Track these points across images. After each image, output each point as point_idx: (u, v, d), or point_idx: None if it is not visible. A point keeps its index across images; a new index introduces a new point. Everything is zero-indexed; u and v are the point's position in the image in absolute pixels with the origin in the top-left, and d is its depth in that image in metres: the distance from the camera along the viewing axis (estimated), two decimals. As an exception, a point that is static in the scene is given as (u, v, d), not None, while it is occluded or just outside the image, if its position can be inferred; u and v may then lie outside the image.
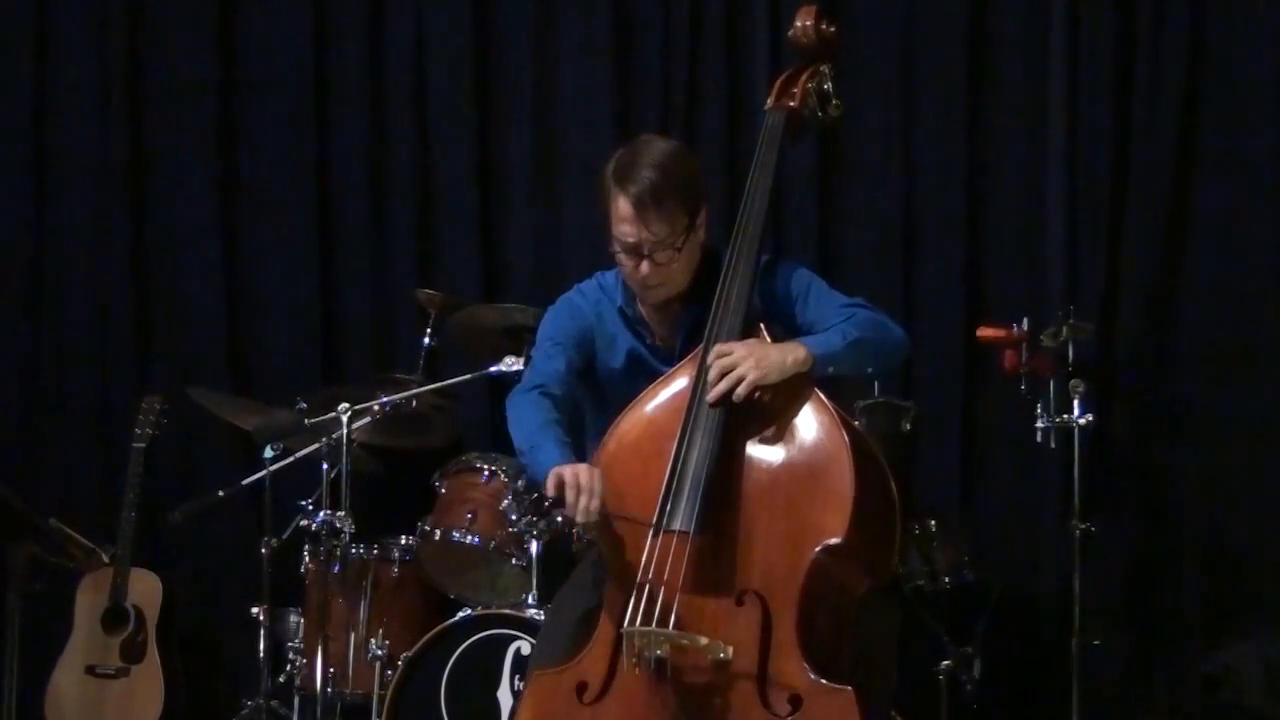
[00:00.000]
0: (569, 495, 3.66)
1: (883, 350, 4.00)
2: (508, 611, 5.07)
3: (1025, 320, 5.32)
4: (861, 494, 3.67)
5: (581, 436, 4.09)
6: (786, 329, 3.95)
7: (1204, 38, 5.73)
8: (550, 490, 3.69)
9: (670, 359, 3.99)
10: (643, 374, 4.01)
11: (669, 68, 6.11)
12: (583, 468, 3.71)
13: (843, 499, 3.66)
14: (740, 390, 3.74)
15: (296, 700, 5.46)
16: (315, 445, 5.23)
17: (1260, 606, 5.58)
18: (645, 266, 3.92)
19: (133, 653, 5.67)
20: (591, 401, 4.11)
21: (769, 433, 3.76)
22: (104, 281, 6.39)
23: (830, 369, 3.88)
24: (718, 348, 3.79)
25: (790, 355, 3.79)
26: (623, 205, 3.89)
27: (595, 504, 3.66)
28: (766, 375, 3.75)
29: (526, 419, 3.90)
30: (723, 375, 3.75)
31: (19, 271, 6.42)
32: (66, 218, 6.42)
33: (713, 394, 3.76)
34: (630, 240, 3.91)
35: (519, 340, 5.29)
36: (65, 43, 6.42)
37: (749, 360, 3.75)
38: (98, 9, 6.40)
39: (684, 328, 4.01)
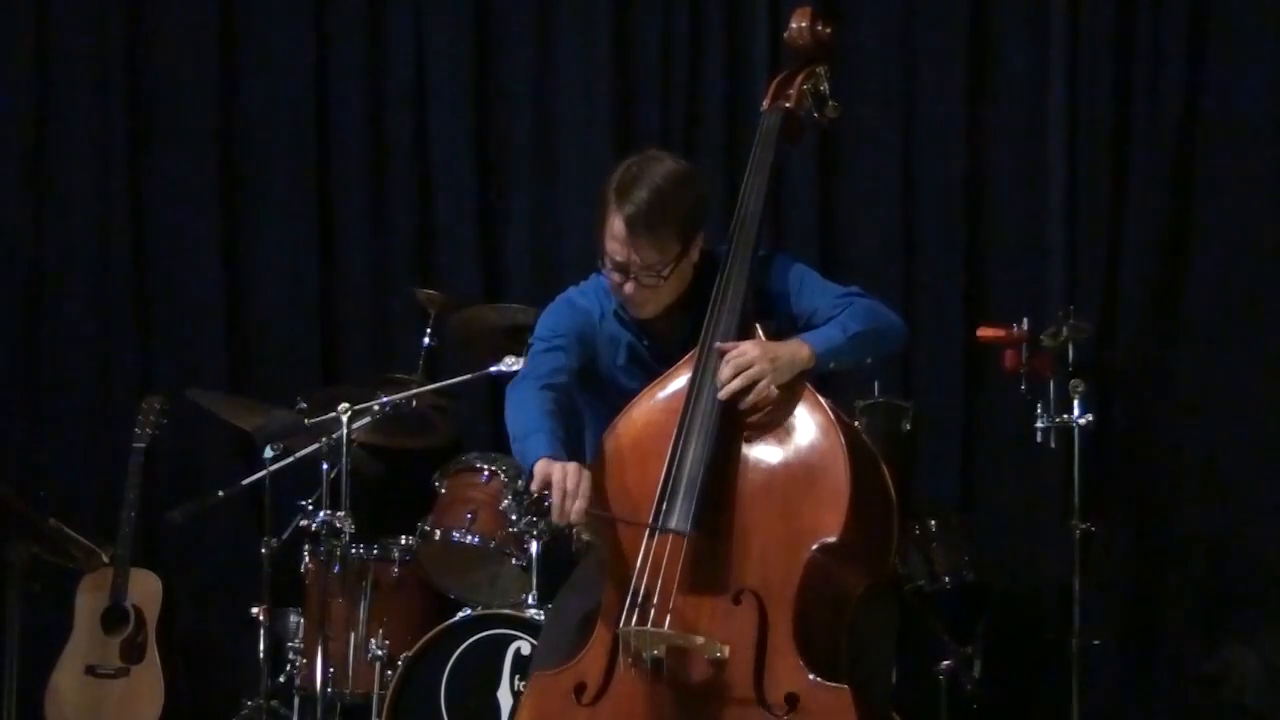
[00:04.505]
0: (554, 496, 3.66)
1: (882, 339, 4.00)
2: (508, 611, 5.07)
3: (1025, 320, 5.31)
4: (857, 492, 3.67)
5: (580, 438, 4.09)
6: (782, 323, 3.95)
7: (1204, 38, 5.72)
8: (536, 486, 3.70)
9: (668, 360, 3.97)
10: (641, 375, 4.01)
11: (669, 68, 6.11)
12: (571, 468, 3.69)
13: (838, 497, 3.66)
14: (757, 390, 3.73)
15: (296, 700, 5.46)
16: (315, 445, 5.23)
17: (1260, 606, 5.57)
18: (629, 286, 3.92)
19: (133, 653, 5.68)
20: (590, 402, 4.10)
21: (765, 432, 3.76)
22: (104, 281, 6.40)
23: (832, 364, 3.89)
24: (727, 346, 3.78)
25: (798, 354, 3.80)
26: (616, 224, 3.88)
27: (578, 506, 3.65)
28: (779, 376, 3.76)
29: (525, 407, 3.87)
30: (738, 373, 3.75)
31: (19, 271, 6.43)
32: (66, 218, 6.42)
33: (725, 391, 3.74)
34: (618, 259, 3.90)
35: (519, 340, 5.28)
36: (65, 42, 6.42)
37: (764, 360, 3.75)
38: (98, 9, 6.40)
39: (681, 329, 4.00)
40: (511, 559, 5.31)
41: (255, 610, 5.35)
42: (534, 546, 5.21)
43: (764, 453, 3.76)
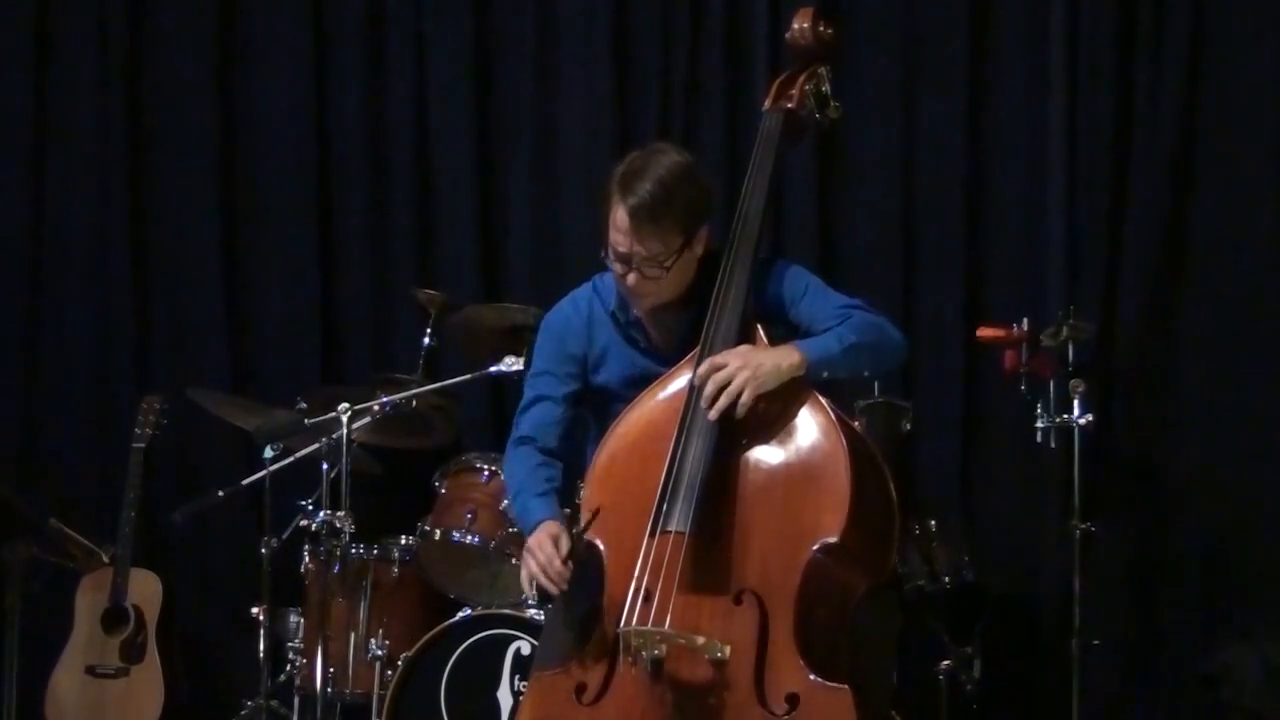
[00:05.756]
0: (540, 582, 3.84)
1: (880, 355, 3.99)
2: (508, 611, 5.07)
3: (1025, 320, 5.32)
4: (858, 493, 3.67)
5: (583, 441, 4.10)
6: (784, 329, 3.95)
7: (1204, 38, 5.72)
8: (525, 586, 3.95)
9: (667, 361, 3.98)
10: (639, 378, 4.01)
11: (669, 68, 6.10)
12: (533, 542, 3.86)
13: (839, 498, 3.66)
14: (741, 404, 3.73)
15: (296, 700, 5.46)
16: (315, 445, 5.23)
17: (1260, 606, 5.57)
18: (632, 278, 3.92)
19: (133, 653, 5.67)
20: (591, 406, 4.11)
21: (766, 433, 3.76)
22: (104, 281, 6.39)
23: (825, 373, 3.87)
24: (711, 360, 3.79)
25: (786, 361, 3.78)
26: (619, 215, 3.88)
27: (557, 568, 3.80)
28: (763, 384, 3.75)
29: (515, 470, 4.07)
30: (720, 389, 3.75)
31: (19, 271, 6.42)
32: (66, 218, 6.42)
33: (714, 411, 3.74)
34: (621, 250, 3.91)
35: (519, 340, 5.29)
36: (65, 42, 6.42)
37: (745, 372, 3.74)
38: (98, 9, 6.40)
39: (681, 330, 4.00)
40: (511, 559, 5.30)
41: (255, 610, 5.36)
42: (534, 546, 5.20)
43: (765, 453, 3.76)
